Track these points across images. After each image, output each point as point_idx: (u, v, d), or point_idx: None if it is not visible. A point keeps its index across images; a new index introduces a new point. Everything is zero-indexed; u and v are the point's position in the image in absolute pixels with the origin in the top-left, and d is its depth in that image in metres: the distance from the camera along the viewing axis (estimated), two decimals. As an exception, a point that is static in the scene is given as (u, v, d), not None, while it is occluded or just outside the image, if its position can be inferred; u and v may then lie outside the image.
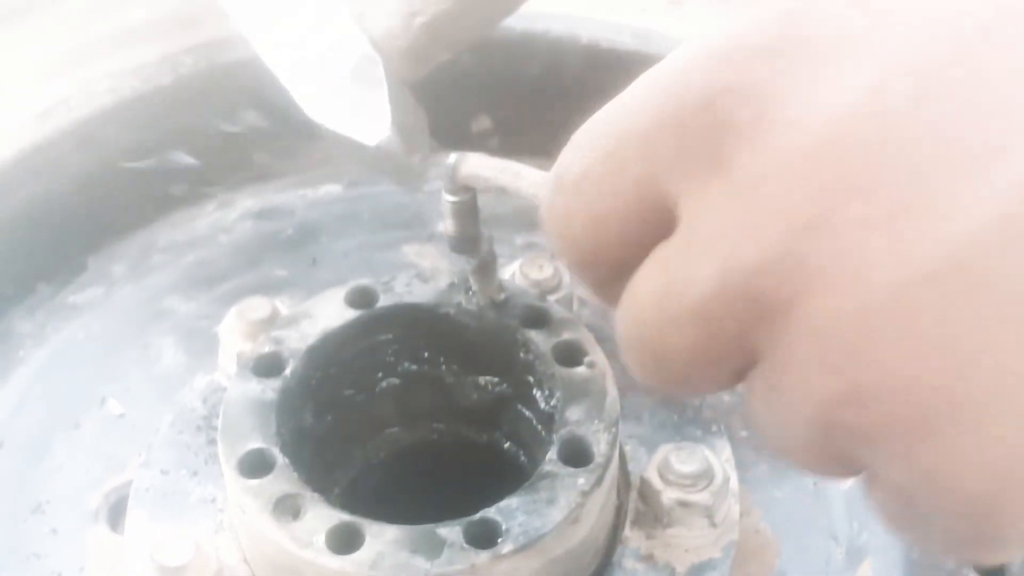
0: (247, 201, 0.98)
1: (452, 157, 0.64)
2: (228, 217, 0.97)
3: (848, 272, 0.43)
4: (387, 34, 0.82)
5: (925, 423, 0.43)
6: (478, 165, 0.63)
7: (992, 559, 0.59)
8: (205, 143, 1.00)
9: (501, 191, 0.61)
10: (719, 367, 0.49)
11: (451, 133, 1.02)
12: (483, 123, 1.04)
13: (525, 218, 0.95)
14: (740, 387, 0.50)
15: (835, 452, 0.47)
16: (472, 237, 0.68)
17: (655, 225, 0.49)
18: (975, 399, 0.42)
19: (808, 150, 0.44)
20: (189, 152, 1.00)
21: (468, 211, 0.66)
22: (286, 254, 0.94)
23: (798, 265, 0.44)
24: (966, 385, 0.42)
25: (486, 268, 0.72)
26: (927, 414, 0.43)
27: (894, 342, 0.43)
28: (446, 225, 0.67)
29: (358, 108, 0.79)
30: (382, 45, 0.81)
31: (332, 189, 0.97)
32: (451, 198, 0.66)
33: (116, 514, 0.76)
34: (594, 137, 0.51)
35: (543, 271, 0.80)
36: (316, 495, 0.65)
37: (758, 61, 0.46)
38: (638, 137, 0.49)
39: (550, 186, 0.53)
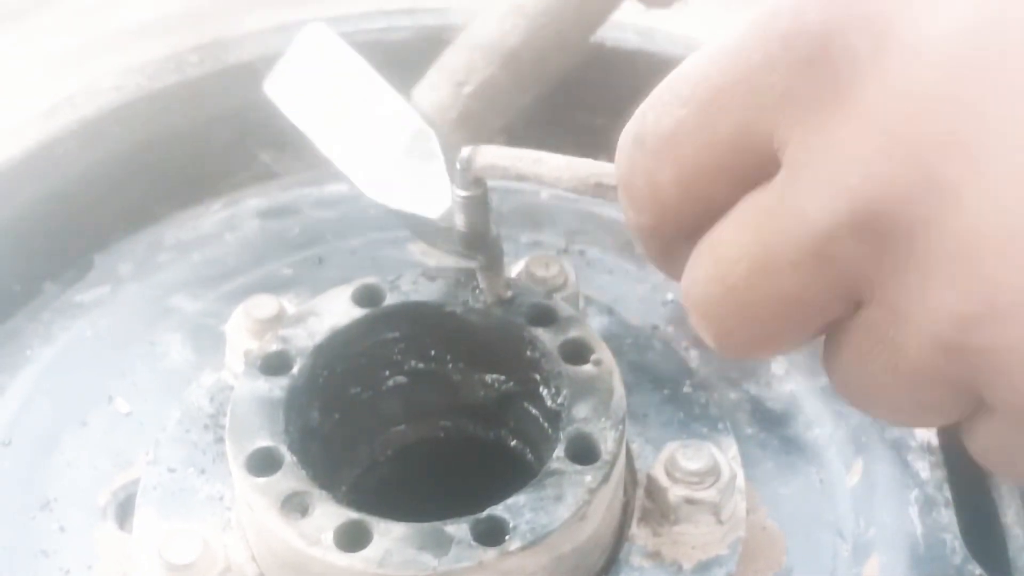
0: (253, 200, 0.98)
1: (466, 150, 0.63)
2: (234, 216, 0.97)
3: (986, 190, 0.43)
4: (437, 107, 0.81)
5: None
6: (495, 155, 0.62)
7: None
8: (211, 141, 1.00)
9: (520, 179, 0.61)
10: (815, 316, 0.49)
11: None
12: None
13: (530, 216, 0.96)
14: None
15: (955, 383, 0.47)
16: (483, 233, 0.68)
17: (752, 172, 0.49)
18: None
19: (933, 72, 0.44)
20: (194, 151, 1.00)
21: (479, 207, 0.66)
22: (292, 253, 0.94)
23: (933, 185, 0.44)
24: None
25: (493, 266, 0.72)
26: None
27: None
28: (456, 221, 0.67)
29: (417, 183, 0.78)
30: (434, 119, 0.81)
31: (338, 188, 0.97)
32: (463, 193, 0.66)
33: (124, 512, 0.76)
34: (684, 89, 0.50)
35: (549, 269, 0.80)
36: (324, 492, 0.65)
37: None
38: (744, 80, 0.48)
39: (626, 150, 0.52)
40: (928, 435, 0.79)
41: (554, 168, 0.60)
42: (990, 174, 0.43)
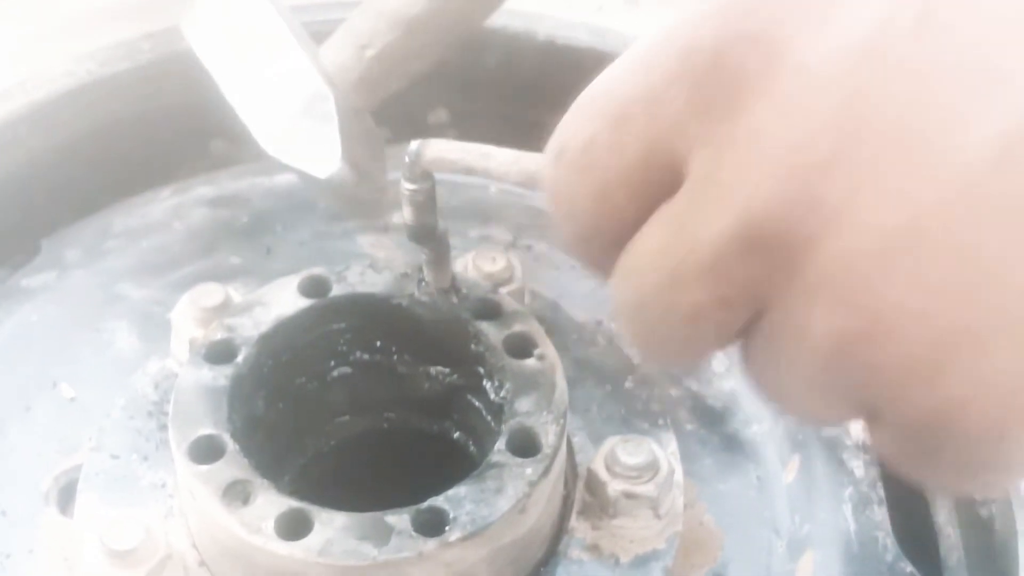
0: (202, 188, 0.98)
1: (414, 144, 0.64)
2: (183, 204, 0.97)
3: (863, 210, 0.44)
4: (339, 68, 0.83)
5: (938, 354, 0.44)
6: (443, 149, 0.63)
7: (996, 488, 0.61)
8: (161, 129, 1.00)
9: (468, 173, 0.62)
10: (723, 324, 0.50)
11: (408, 125, 1.03)
12: (440, 116, 1.05)
13: (479, 210, 0.96)
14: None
15: (845, 393, 0.48)
16: (430, 226, 0.69)
17: (661, 187, 0.50)
18: (986, 325, 0.43)
19: (818, 93, 0.45)
20: (144, 138, 1.00)
21: (427, 200, 0.67)
22: (241, 242, 0.94)
23: (815, 206, 0.45)
24: (978, 312, 0.43)
25: (440, 259, 0.73)
26: (940, 345, 0.44)
27: (910, 276, 0.44)
28: (404, 214, 0.68)
29: (310, 142, 0.81)
30: (335, 78, 0.83)
31: (288, 178, 0.97)
32: (410, 186, 0.66)
33: (66, 497, 0.76)
34: (597, 104, 0.51)
35: (496, 263, 0.81)
36: (266, 481, 0.66)
37: (764, 9, 0.47)
38: (647, 97, 0.49)
39: (550, 160, 0.53)
40: (863, 434, 0.80)
41: (502, 163, 0.61)
42: (869, 196, 0.44)
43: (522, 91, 1.03)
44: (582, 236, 0.54)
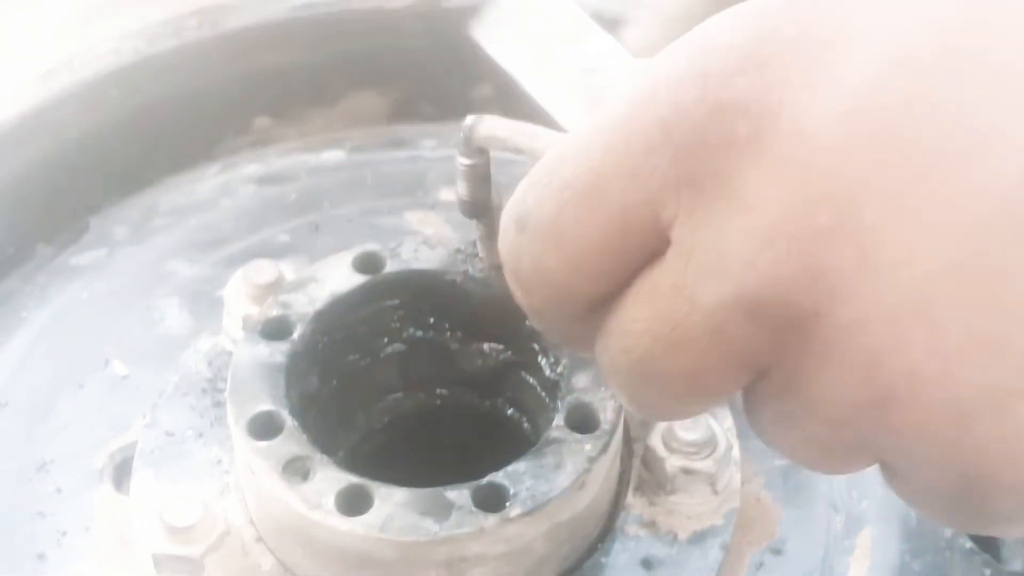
0: (249, 166, 0.98)
1: (469, 119, 0.64)
2: (231, 181, 0.97)
3: (869, 277, 0.43)
4: (646, 47, 0.79)
5: (960, 416, 0.43)
6: (494, 127, 0.62)
7: (1015, 533, 0.60)
8: (208, 106, 1.00)
9: (516, 152, 0.61)
10: (720, 386, 0.48)
11: (453, 101, 1.02)
12: (484, 91, 1.04)
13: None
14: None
15: (860, 452, 0.47)
16: (485, 201, 0.68)
17: (640, 253, 0.48)
18: (1006, 381, 0.42)
19: (812, 159, 0.43)
20: (192, 115, 1.00)
21: (482, 175, 0.67)
22: (289, 219, 0.94)
23: (818, 276, 0.43)
24: (996, 370, 0.42)
25: (494, 235, 0.72)
26: (961, 407, 0.43)
27: (923, 341, 0.43)
28: (458, 189, 0.67)
29: None
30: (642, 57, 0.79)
31: (334, 155, 0.97)
32: (466, 161, 0.66)
33: (121, 474, 0.76)
34: (564, 172, 0.49)
35: (548, 239, 0.80)
36: (325, 457, 0.66)
37: (750, 72, 0.45)
38: (622, 169, 0.47)
39: (510, 233, 0.52)
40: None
41: (550, 144, 0.60)
42: (874, 263, 0.43)
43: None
44: (549, 309, 0.52)
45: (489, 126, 0.63)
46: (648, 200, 0.47)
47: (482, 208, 0.70)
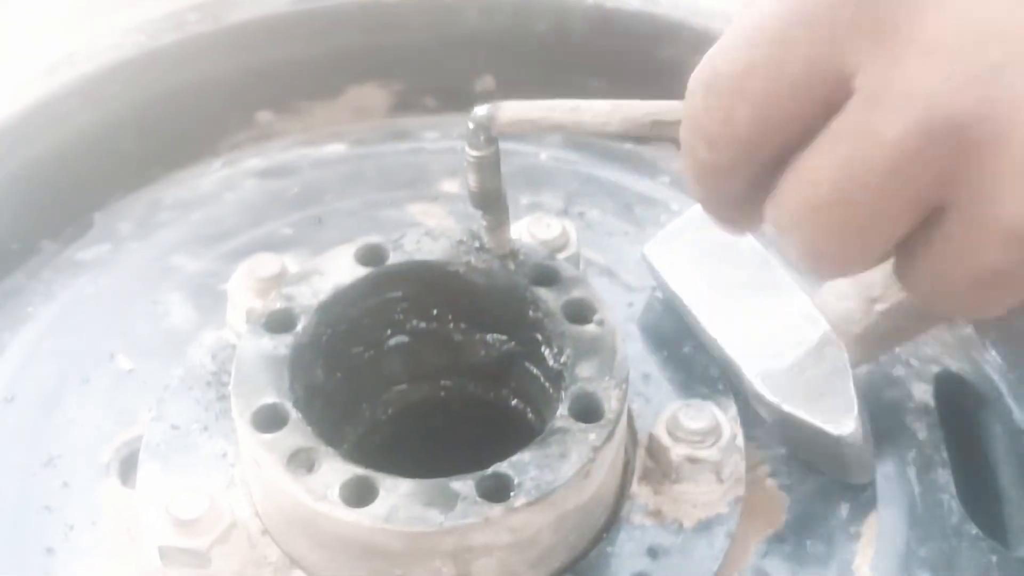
0: (252, 160, 0.98)
1: (480, 110, 0.63)
2: (233, 175, 0.97)
3: None
4: (842, 317, 0.75)
5: None
6: (521, 110, 0.62)
7: None
8: (210, 101, 1.00)
9: (554, 130, 0.61)
10: (895, 228, 0.53)
11: (455, 93, 1.03)
12: (487, 83, 1.04)
13: (530, 177, 0.96)
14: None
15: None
16: (494, 192, 0.68)
17: (827, 104, 0.52)
18: None
19: (986, 3, 0.49)
20: (194, 109, 1.00)
21: (492, 166, 0.67)
22: (291, 212, 0.94)
23: (997, 101, 0.49)
24: None
25: (500, 225, 0.73)
26: None
27: None
28: (468, 181, 0.67)
29: (822, 394, 0.72)
30: (837, 328, 0.75)
31: (337, 148, 0.97)
32: (476, 153, 0.66)
33: (127, 468, 0.76)
34: (751, 31, 0.53)
35: (551, 229, 0.81)
36: (330, 449, 0.66)
37: None
38: (809, 19, 0.52)
39: (698, 92, 0.55)
40: (926, 396, 0.80)
41: (598, 113, 0.60)
42: None
43: (570, 56, 1.02)
44: (733, 166, 0.55)
45: (514, 111, 0.63)
46: (834, 49, 0.51)
47: (492, 198, 0.70)
